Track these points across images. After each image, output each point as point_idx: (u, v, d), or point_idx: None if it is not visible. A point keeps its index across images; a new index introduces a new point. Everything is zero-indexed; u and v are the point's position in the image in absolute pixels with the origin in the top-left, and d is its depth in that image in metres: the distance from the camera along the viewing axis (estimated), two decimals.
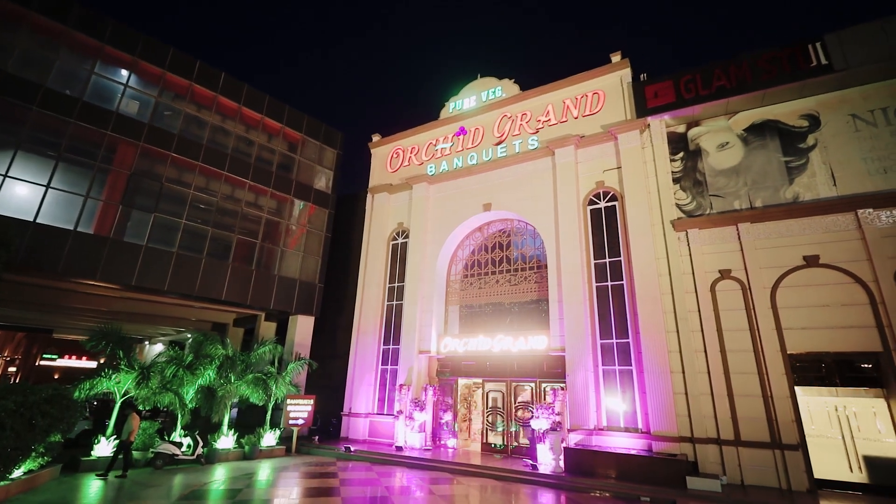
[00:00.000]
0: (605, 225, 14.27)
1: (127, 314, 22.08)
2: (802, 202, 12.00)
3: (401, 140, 20.19)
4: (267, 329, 21.01)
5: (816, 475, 10.30)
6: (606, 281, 13.71)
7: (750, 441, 10.79)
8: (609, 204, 14.42)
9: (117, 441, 10.67)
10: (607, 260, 13.90)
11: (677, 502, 9.35)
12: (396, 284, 18.09)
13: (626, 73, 15.27)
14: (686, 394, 11.63)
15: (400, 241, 18.70)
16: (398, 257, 18.49)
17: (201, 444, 11.88)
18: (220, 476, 10.72)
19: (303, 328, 19.43)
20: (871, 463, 10.37)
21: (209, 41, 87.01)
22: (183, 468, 11.34)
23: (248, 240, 18.40)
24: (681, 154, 14.09)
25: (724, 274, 12.23)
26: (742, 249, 12.14)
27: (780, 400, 10.74)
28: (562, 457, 11.79)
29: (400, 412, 15.09)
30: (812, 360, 11.20)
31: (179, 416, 11.95)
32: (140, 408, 11.61)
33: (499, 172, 16.87)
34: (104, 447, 10.75)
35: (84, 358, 37.80)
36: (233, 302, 17.50)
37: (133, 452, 11.15)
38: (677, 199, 13.56)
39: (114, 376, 11.12)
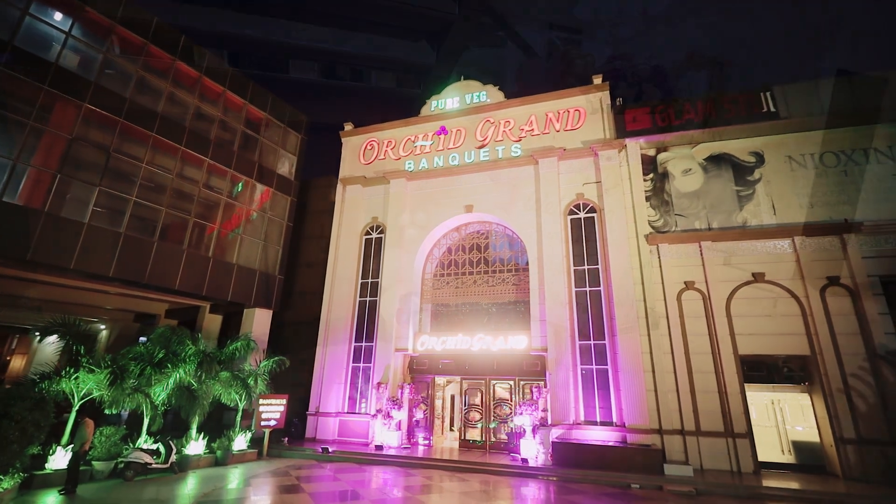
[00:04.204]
0: (584, 234, 15.37)
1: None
2: (750, 227, 14.08)
3: (376, 132, 19.68)
4: (211, 322, 19.16)
5: (759, 458, 12.23)
6: (585, 286, 14.80)
7: (708, 431, 12.47)
8: (588, 215, 15.55)
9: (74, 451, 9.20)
10: (586, 267, 14.99)
11: (663, 488, 10.55)
12: (370, 280, 17.65)
13: (606, 95, 16.55)
14: (655, 391, 13.05)
15: (374, 236, 18.25)
16: (371, 253, 18.05)
17: (174, 450, 10.66)
18: (206, 487, 9.73)
19: (260, 322, 18.14)
20: (797, 447, 12.60)
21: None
22: (155, 478, 10.09)
23: (204, 224, 16.69)
24: (651, 175, 15.66)
25: (689, 285, 13.90)
26: (703, 264, 13.90)
27: (732, 395, 12.55)
28: (549, 450, 12.56)
29: (379, 411, 14.84)
30: (757, 361, 13.25)
31: (147, 419, 10.59)
32: (108, 412, 10.09)
33: (481, 175, 17.27)
34: (60, 459, 9.19)
35: None
36: (188, 292, 15.79)
37: (94, 463, 9.70)
38: (648, 215, 15.07)
39: (74, 376, 9.52)
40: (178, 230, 16.03)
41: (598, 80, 16.70)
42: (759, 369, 13.32)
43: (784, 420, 12.91)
